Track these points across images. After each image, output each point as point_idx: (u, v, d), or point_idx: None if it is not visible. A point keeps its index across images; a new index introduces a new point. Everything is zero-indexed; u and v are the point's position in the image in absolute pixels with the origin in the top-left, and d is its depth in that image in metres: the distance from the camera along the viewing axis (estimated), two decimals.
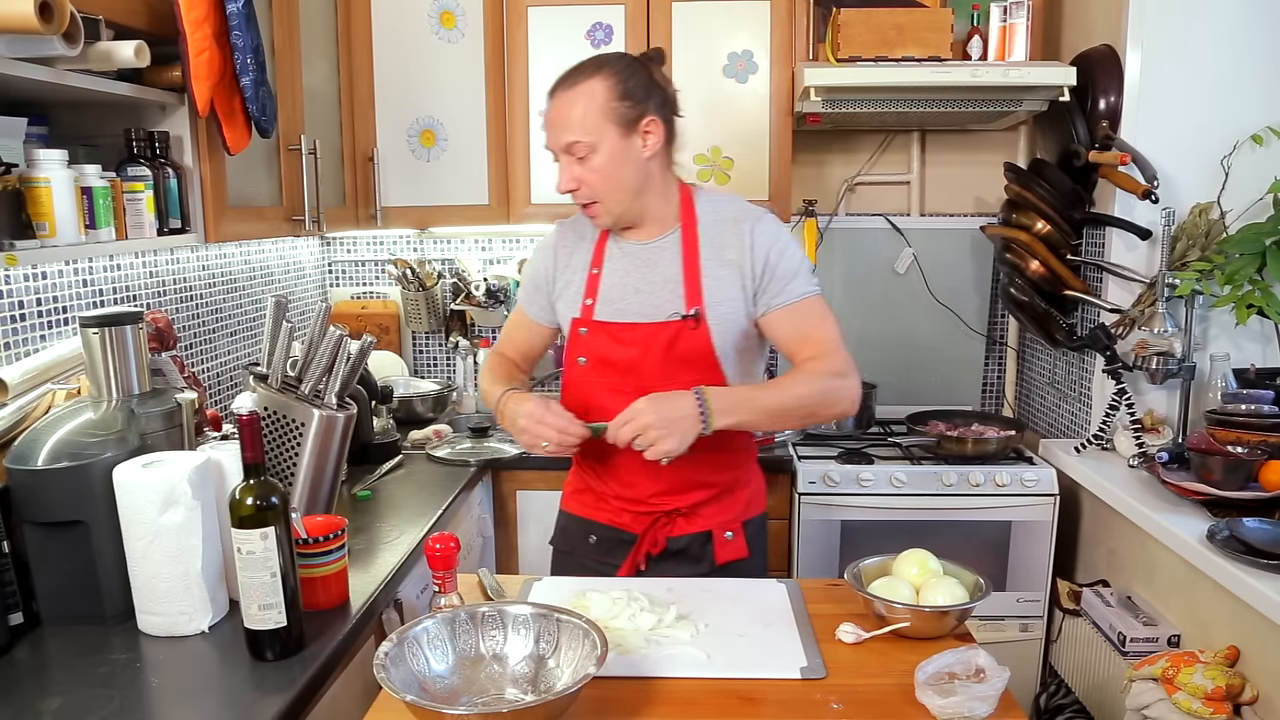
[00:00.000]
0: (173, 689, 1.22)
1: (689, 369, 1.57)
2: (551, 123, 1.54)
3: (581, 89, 1.51)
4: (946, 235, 2.90)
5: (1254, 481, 1.93)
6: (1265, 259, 2.04)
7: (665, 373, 1.57)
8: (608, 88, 1.51)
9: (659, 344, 1.57)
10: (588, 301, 1.63)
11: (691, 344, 1.57)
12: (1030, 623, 2.42)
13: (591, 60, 1.55)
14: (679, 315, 1.57)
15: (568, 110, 1.51)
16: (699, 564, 1.66)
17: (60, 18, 1.24)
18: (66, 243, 1.42)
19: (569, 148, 1.52)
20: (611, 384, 1.61)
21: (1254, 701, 1.66)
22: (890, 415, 2.81)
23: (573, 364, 1.65)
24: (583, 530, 1.73)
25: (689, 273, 1.58)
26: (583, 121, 1.50)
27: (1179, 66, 2.22)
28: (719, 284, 1.57)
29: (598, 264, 1.64)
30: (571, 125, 1.51)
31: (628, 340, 1.59)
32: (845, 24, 2.37)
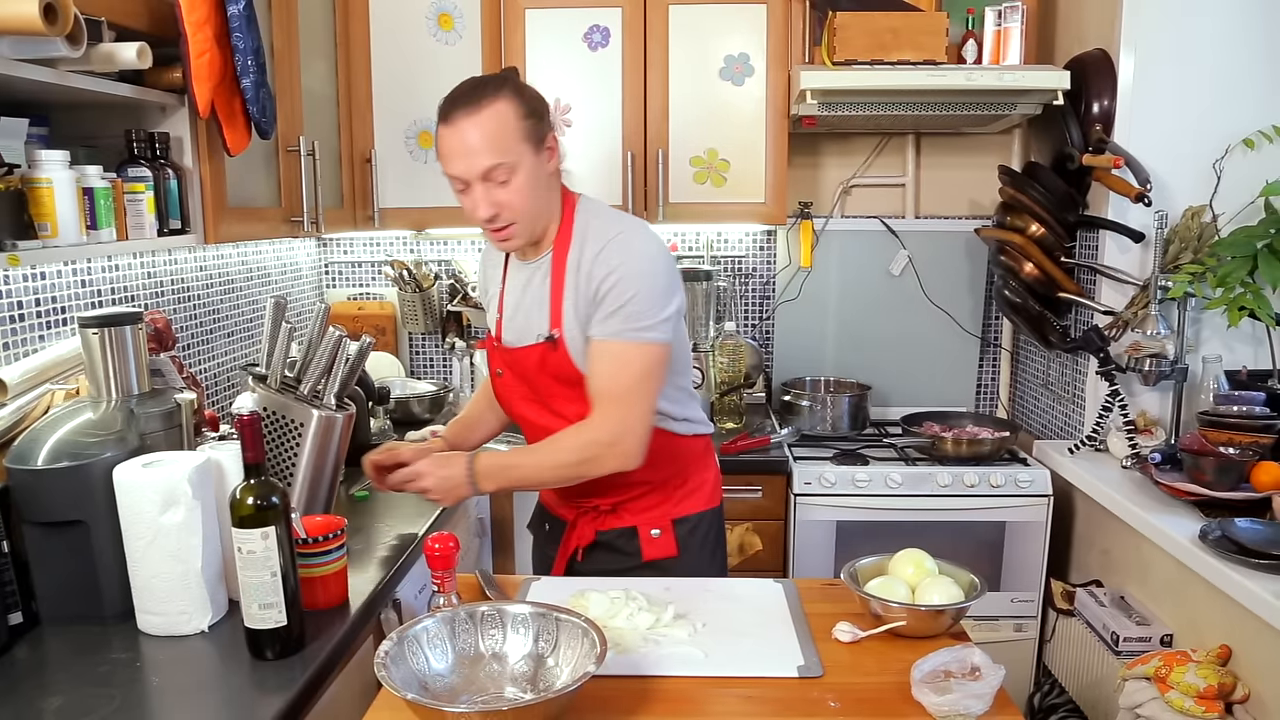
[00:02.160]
0: (173, 688, 1.22)
1: (562, 385, 1.58)
2: (461, 151, 1.44)
3: (489, 112, 1.43)
4: (941, 237, 2.91)
5: (1245, 482, 1.94)
6: (1257, 262, 2.06)
7: (546, 388, 1.61)
8: (514, 107, 1.45)
9: (530, 364, 1.61)
10: (496, 317, 1.69)
11: (556, 365, 1.57)
12: (1024, 622, 2.44)
13: (480, 81, 1.49)
14: (542, 337, 1.57)
15: (481, 134, 1.43)
16: (627, 557, 1.68)
17: (64, 19, 1.25)
18: (68, 243, 1.43)
19: (489, 173, 1.45)
20: (520, 393, 1.68)
21: (1246, 700, 1.68)
22: (885, 416, 2.82)
23: (494, 374, 1.73)
24: (540, 518, 1.85)
25: (554, 294, 1.55)
26: (501, 144, 1.44)
27: (1172, 70, 2.24)
28: (570, 306, 1.54)
29: (502, 281, 1.68)
30: (489, 149, 1.43)
31: (510, 359, 1.66)
32: (841, 27, 2.38)
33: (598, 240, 1.52)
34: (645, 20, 2.54)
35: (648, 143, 2.60)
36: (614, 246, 1.50)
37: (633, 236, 1.52)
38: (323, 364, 1.60)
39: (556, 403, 1.62)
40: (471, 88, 1.47)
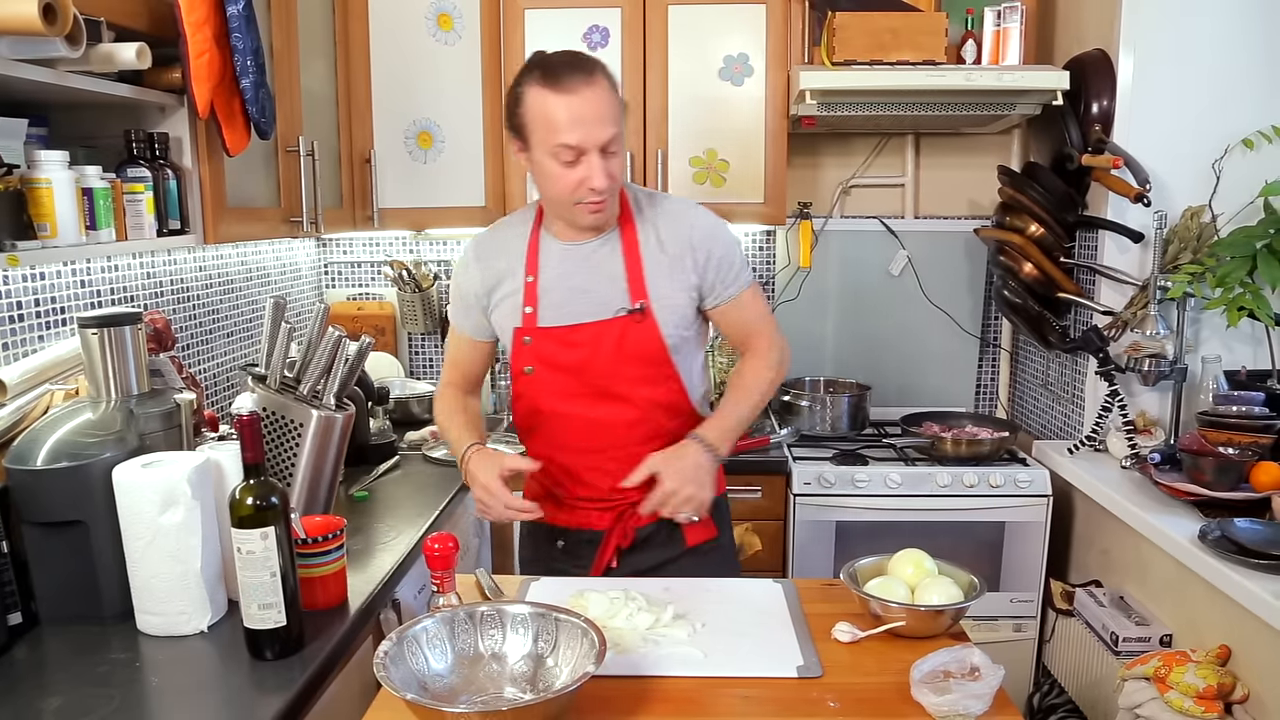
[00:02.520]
0: (172, 688, 1.22)
1: (637, 362, 1.58)
2: (587, 118, 1.42)
3: (600, 84, 1.45)
4: (940, 238, 2.92)
5: (1245, 482, 1.95)
6: (1256, 262, 2.06)
7: (614, 368, 1.58)
8: (611, 81, 1.48)
9: (608, 341, 1.57)
10: (528, 310, 1.59)
11: (640, 338, 1.57)
12: (1024, 623, 2.44)
13: (578, 53, 1.49)
14: (625, 310, 1.56)
15: (600, 104, 1.44)
16: (669, 548, 1.67)
17: (63, 19, 1.25)
18: (68, 243, 1.43)
19: (608, 143, 1.45)
20: (562, 388, 1.60)
21: (1245, 700, 1.68)
22: (885, 417, 2.82)
23: (519, 374, 1.63)
24: (549, 536, 1.72)
25: (631, 267, 1.57)
26: (614, 116, 1.46)
27: (1171, 71, 2.24)
28: (662, 276, 1.57)
29: (532, 270, 1.60)
30: (607, 119, 1.44)
31: (576, 341, 1.57)
32: (840, 27, 2.38)
33: (680, 213, 1.61)
34: (645, 20, 2.54)
35: (647, 143, 2.60)
36: (692, 215, 1.61)
37: (700, 206, 1.65)
38: (322, 364, 1.60)
39: (622, 385, 1.58)
40: (576, 58, 1.47)
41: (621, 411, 1.60)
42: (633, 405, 1.60)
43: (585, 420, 1.61)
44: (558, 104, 1.43)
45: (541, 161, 1.48)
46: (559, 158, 1.45)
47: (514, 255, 1.62)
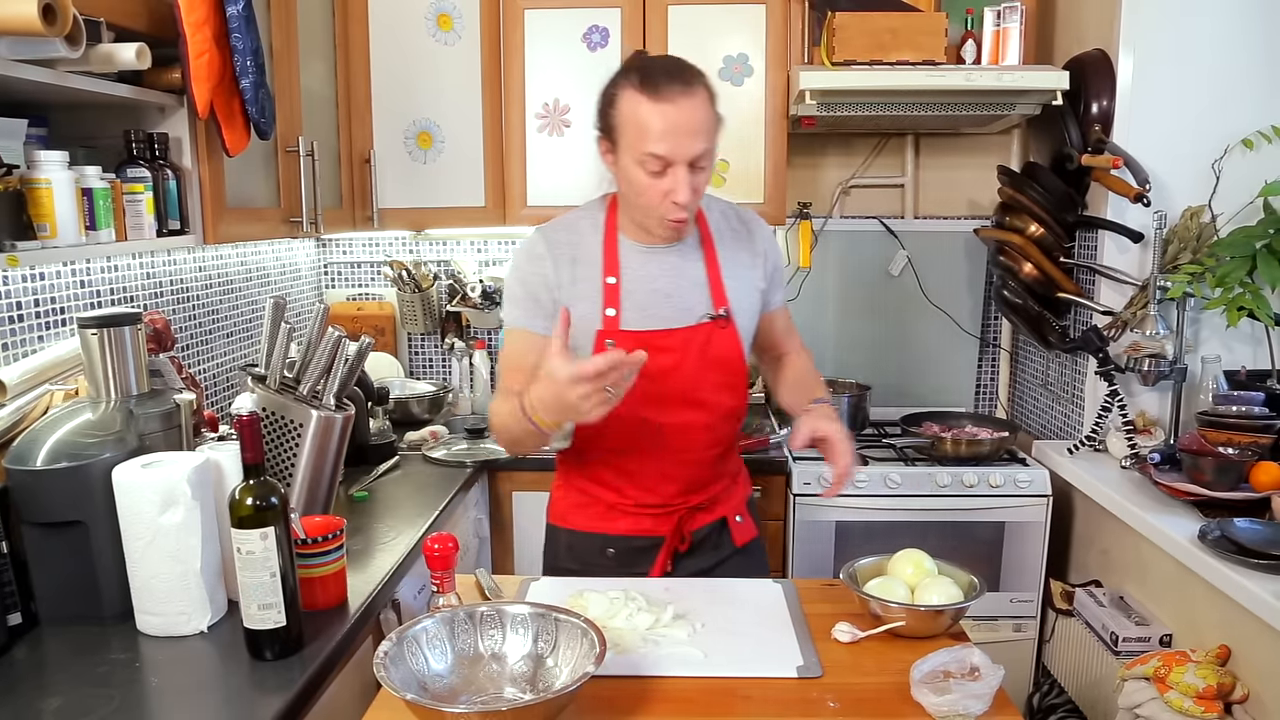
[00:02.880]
0: (172, 688, 1.22)
1: (719, 369, 1.58)
2: (680, 129, 1.38)
3: (699, 96, 1.41)
4: (940, 238, 2.92)
5: (1245, 482, 1.95)
6: (1256, 262, 2.06)
7: (699, 375, 1.57)
8: (710, 95, 1.44)
9: (695, 346, 1.56)
10: (609, 312, 1.53)
11: (722, 344, 1.57)
12: (1023, 623, 2.44)
13: (680, 61, 1.46)
14: (709, 316, 1.57)
15: (696, 117, 1.40)
16: (720, 549, 1.69)
17: (63, 20, 1.25)
18: (67, 244, 1.42)
19: (699, 158, 1.42)
20: (641, 393, 1.49)
21: (1245, 700, 1.68)
22: (884, 417, 2.82)
23: None
24: (596, 545, 1.67)
25: (711, 273, 1.58)
26: (708, 130, 1.42)
27: (1171, 71, 2.24)
28: (738, 284, 1.60)
29: (613, 271, 1.54)
30: (703, 134, 1.41)
31: (664, 346, 1.53)
32: (840, 27, 2.38)
33: (750, 223, 1.66)
34: (644, 21, 2.54)
35: None
36: (760, 224, 1.67)
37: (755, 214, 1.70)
38: (322, 364, 1.60)
39: (703, 392, 1.57)
40: (677, 66, 1.43)
41: (697, 417, 1.58)
42: (708, 411, 1.59)
43: (660, 426, 1.57)
44: (652, 111, 1.39)
45: (628, 168, 1.45)
46: (646, 166, 1.42)
47: (589, 251, 1.56)
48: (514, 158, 2.63)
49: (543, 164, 2.63)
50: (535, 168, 2.63)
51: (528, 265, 1.57)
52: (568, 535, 1.70)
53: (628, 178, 1.46)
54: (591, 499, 1.68)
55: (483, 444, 2.47)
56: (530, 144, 2.62)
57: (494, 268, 2.99)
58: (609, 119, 1.46)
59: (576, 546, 1.69)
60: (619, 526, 1.65)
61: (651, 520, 1.64)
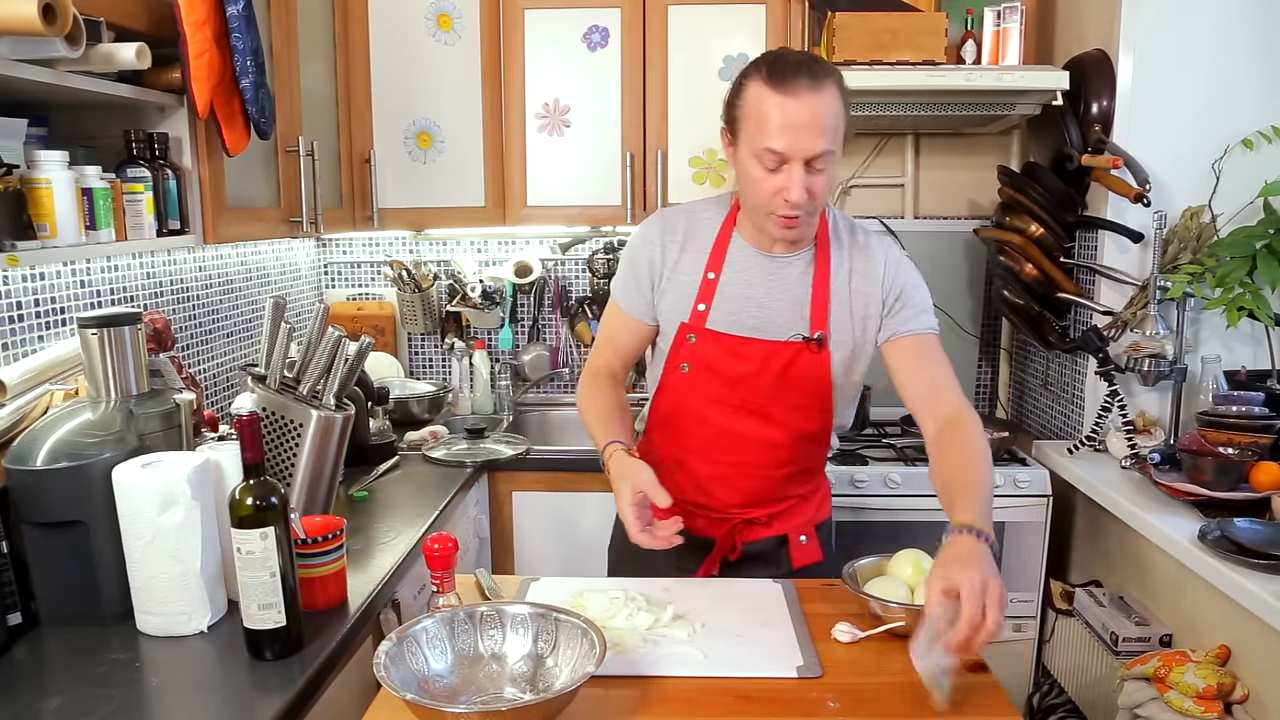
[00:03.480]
0: (172, 688, 1.22)
1: (800, 392, 1.53)
2: (801, 125, 1.34)
3: (830, 93, 1.36)
4: (940, 238, 2.91)
5: (1245, 482, 1.95)
6: (1256, 262, 2.06)
7: (774, 391, 1.53)
8: (842, 94, 1.39)
9: (776, 363, 1.51)
10: (700, 307, 1.51)
11: (809, 368, 1.52)
12: (1024, 623, 2.44)
13: (813, 56, 1.42)
14: (800, 337, 1.51)
15: (820, 114, 1.35)
16: (776, 567, 1.65)
17: (63, 20, 1.25)
18: (67, 243, 1.43)
19: (817, 158, 1.36)
20: (714, 395, 1.53)
21: (1245, 700, 1.68)
22: (884, 417, 2.82)
23: (673, 369, 1.55)
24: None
25: (817, 294, 1.52)
26: (831, 130, 1.37)
27: (1171, 71, 2.24)
28: (845, 309, 1.53)
29: (715, 268, 1.52)
30: (826, 132, 1.36)
31: (743, 354, 1.51)
32: (840, 28, 2.38)
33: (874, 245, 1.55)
34: (644, 21, 2.54)
35: (647, 143, 2.60)
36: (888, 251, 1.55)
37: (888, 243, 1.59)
38: (322, 364, 1.60)
39: (777, 409, 1.53)
40: (810, 60, 1.39)
41: (767, 432, 1.56)
42: (781, 429, 1.56)
43: (728, 432, 1.56)
44: (774, 104, 1.35)
45: (745, 160, 1.42)
46: (762, 161, 1.39)
47: (701, 242, 1.54)
48: (514, 158, 2.63)
49: (543, 164, 2.63)
50: (535, 168, 2.63)
51: (640, 246, 1.58)
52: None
53: (745, 172, 1.43)
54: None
55: (483, 444, 2.47)
56: (530, 144, 2.62)
57: (494, 268, 2.99)
58: (733, 109, 1.43)
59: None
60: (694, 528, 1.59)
61: (705, 522, 1.62)
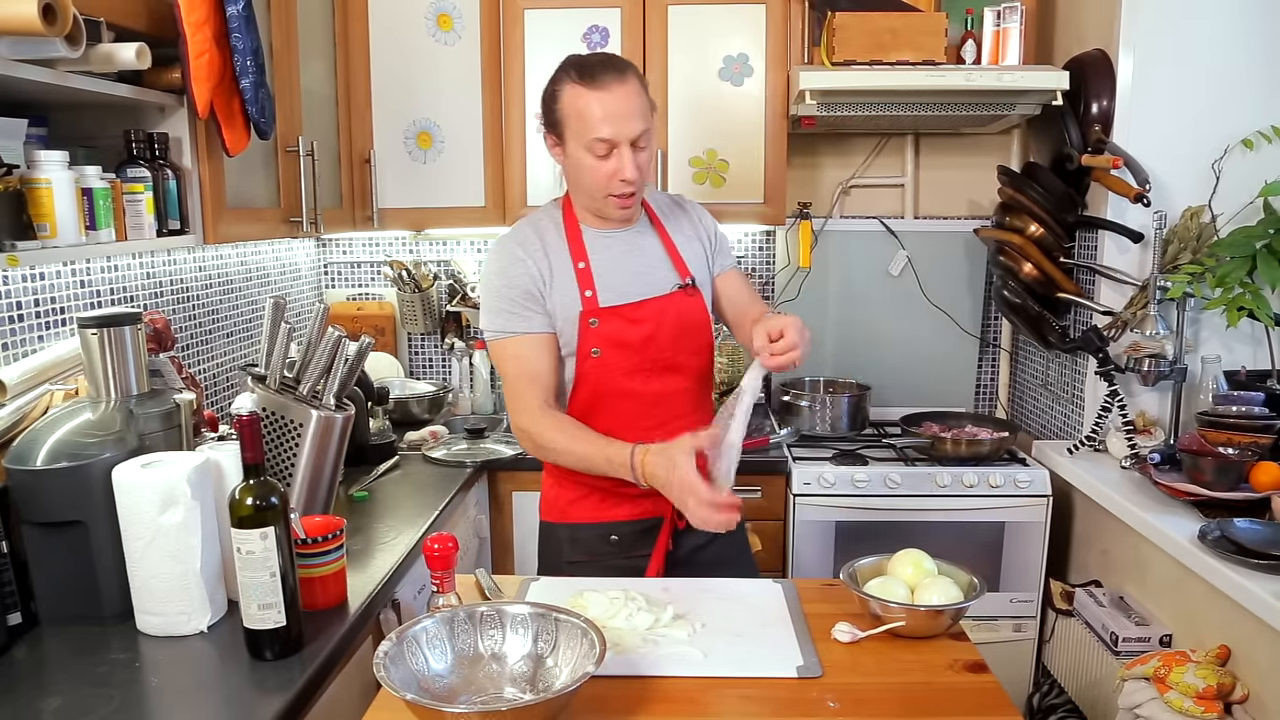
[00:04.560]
0: (172, 688, 1.22)
1: (692, 334, 1.70)
2: (620, 113, 1.53)
3: (631, 83, 1.55)
4: (940, 238, 2.92)
5: (1245, 482, 1.95)
6: (1256, 262, 2.06)
7: (674, 341, 1.67)
8: (640, 82, 1.58)
9: (670, 315, 1.66)
10: (587, 293, 1.62)
11: (692, 311, 1.69)
12: (1023, 623, 2.44)
13: (608, 55, 1.61)
14: (678, 285, 1.68)
15: (632, 101, 1.54)
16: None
17: (63, 20, 1.25)
18: (67, 243, 1.43)
19: (639, 138, 1.55)
20: (628, 365, 1.64)
21: (1245, 700, 1.68)
22: (884, 417, 2.82)
23: (585, 357, 1.63)
24: (599, 534, 1.70)
25: (669, 249, 1.71)
26: (644, 112, 1.56)
27: (1171, 71, 2.24)
28: (692, 257, 1.72)
29: (581, 257, 1.64)
30: (638, 115, 1.55)
31: (640, 318, 1.64)
32: (840, 28, 2.38)
33: (682, 202, 1.80)
34: (644, 20, 2.54)
35: None
36: (696, 206, 1.81)
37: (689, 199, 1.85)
38: (322, 364, 1.60)
39: (682, 356, 1.69)
40: (609, 59, 1.58)
41: (678, 382, 1.69)
42: (686, 375, 1.71)
43: (647, 395, 1.67)
44: (592, 100, 1.53)
45: (576, 155, 1.57)
46: (593, 151, 1.55)
47: (555, 244, 1.65)
48: (514, 157, 2.63)
49: (542, 164, 2.63)
50: (535, 167, 2.63)
51: (512, 269, 1.62)
52: (569, 530, 1.72)
53: (579, 165, 1.58)
54: (588, 490, 1.70)
55: (483, 444, 2.47)
56: (530, 144, 2.62)
57: None
58: (554, 114, 1.58)
59: (581, 539, 1.72)
60: (620, 513, 1.70)
61: (651, 501, 1.65)
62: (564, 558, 1.73)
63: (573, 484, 1.72)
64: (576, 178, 1.61)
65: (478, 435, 2.51)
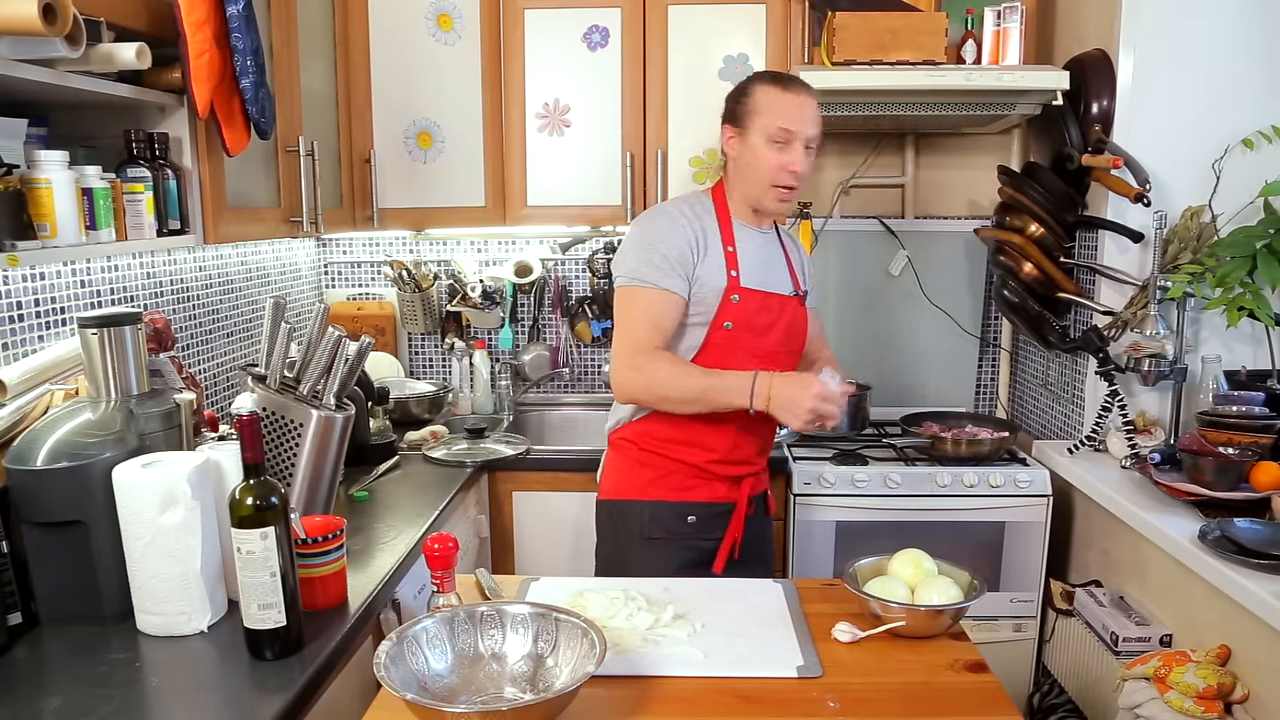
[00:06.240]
0: (172, 688, 1.22)
1: (796, 336, 1.90)
2: (804, 114, 1.75)
3: (815, 100, 1.78)
4: (940, 238, 2.92)
5: (1245, 482, 1.95)
6: (1256, 262, 2.06)
7: (785, 337, 1.86)
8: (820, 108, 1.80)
9: (788, 313, 1.85)
10: (733, 273, 1.79)
11: (798, 317, 1.89)
12: (1024, 623, 2.44)
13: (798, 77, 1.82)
14: (794, 293, 1.89)
15: (815, 111, 1.77)
16: (765, 516, 1.99)
17: (63, 20, 1.25)
18: (67, 243, 1.43)
19: (811, 140, 1.76)
20: (749, 346, 1.81)
21: (1245, 700, 1.68)
22: (884, 417, 2.82)
23: (718, 328, 1.78)
24: (678, 514, 1.84)
25: (789, 262, 1.92)
26: (820, 124, 1.77)
27: (1171, 71, 2.24)
28: (804, 277, 1.94)
29: (730, 241, 1.81)
30: (817, 122, 1.76)
31: (770, 306, 1.82)
32: (840, 28, 2.38)
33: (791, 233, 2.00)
34: (644, 20, 2.54)
35: (647, 143, 2.60)
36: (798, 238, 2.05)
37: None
38: (322, 364, 1.60)
39: (785, 353, 1.86)
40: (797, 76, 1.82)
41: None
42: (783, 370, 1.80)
43: None
44: (785, 98, 1.75)
45: (755, 144, 1.76)
46: (775, 138, 1.74)
47: (710, 224, 1.81)
48: (514, 157, 2.63)
49: (543, 164, 2.63)
50: (535, 167, 2.63)
51: (674, 231, 1.78)
52: (650, 507, 1.84)
53: (754, 154, 1.76)
54: (670, 469, 1.84)
55: (483, 444, 2.48)
56: (530, 144, 2.62)
57: (494, 268, 2.99)
58: (741, 106, 1.78)
59: (661, 517, 1.84)
60: (699, 495, 1.84)
61: (725, 487, 1.85)
62: (643, 534, 1.84)
63: (652, 462, 1.85)
64: (748, 165, 1.78)
65: (478, 435, 2.51)
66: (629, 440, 1.88)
